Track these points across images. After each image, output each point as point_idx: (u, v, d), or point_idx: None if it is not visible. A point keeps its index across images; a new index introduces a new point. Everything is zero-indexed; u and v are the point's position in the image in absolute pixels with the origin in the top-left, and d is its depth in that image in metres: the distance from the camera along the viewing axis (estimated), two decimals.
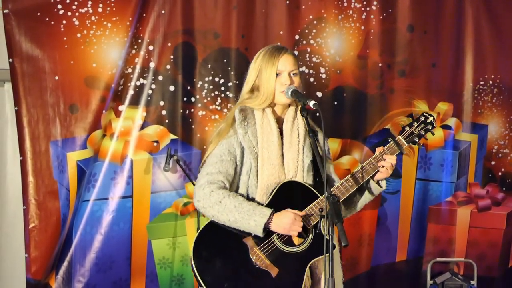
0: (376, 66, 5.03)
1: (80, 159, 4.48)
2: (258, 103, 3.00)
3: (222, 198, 2.85)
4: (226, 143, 2.94)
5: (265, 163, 2.95)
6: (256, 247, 2.88)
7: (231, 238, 2.88)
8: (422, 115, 3.10)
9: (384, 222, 5.10)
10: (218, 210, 2.85)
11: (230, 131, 2.96)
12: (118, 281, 4.62)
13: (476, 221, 5.21)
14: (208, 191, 2.86)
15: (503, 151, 5.24)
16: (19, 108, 4.38)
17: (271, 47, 3.05)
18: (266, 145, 2.97)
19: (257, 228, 2.83)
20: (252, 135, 2.96)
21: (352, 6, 4.96)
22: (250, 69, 3.06)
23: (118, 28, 4.51)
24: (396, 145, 3.03)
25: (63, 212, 4.45)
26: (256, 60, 3.04)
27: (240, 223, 2.84)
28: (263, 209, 2.85)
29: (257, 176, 2.94)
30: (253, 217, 2.82)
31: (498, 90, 5.20)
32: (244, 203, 2.85)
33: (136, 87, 4.60)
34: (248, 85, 3.05)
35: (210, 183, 2.88)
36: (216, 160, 2.92)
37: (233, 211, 2.83)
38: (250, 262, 2.87)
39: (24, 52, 4.36)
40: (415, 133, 3.08)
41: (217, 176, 2.89)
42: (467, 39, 5.15)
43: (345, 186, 2.99)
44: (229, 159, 2.92)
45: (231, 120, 2.99)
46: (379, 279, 5.12)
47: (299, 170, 3.00)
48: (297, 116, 3.05)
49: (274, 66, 2.98)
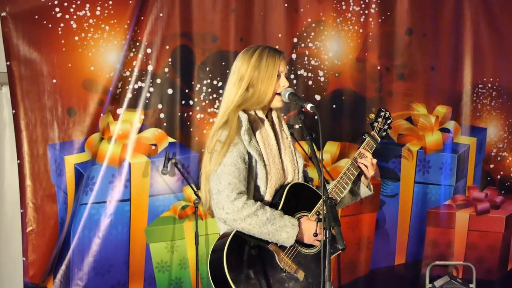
0: (374, 69, 5.03)
1: (78, 162, 4.48)
2: (253, 102, 2.93)
3: (255, 211, 2.82)
4: (236, 151, 2.88)
5: (272, 168, 2.94)
6: (282, 253, 2.89)
7: (258, 246, 2.88)
8: (381, 111, 3.19)
9: (383, 226, 5.09)
10: (250, 223, 2.82)
11: (236, 138, 2.89)
12: (116, 284, 4.61)
13: (475, 225, 5.21)
14: (240, 204, 2.81)
15: (502, 154, 5.24)
16: (16, 111, 4.37)
17: (266, 47, 2.98)
18: (269, 150, 2.95)
19: (289, 240, 2.84)
20: (255, 141, 2.94)
21: (350, 9, 4.96)
22: (242, 67, 2.94)
23: (116, 31, 4.51)
24: (372, 141, 3.11)
25: (61, 215, 4.44)
26: (251, 58, 2.94)
27: (272, 235, 2.84)
28: (292, 220, 2.86)
29: (266, 181, 2.92)
30: (285, 229, 2.83)
31: (497, 93, 5.20)
32: (275, 214, 2.85)
33: (134, 90, 4.60)
34: (242, 84, 2.93)
35: (239, 194, 2.83)
36: (233, 169, 2.85)
37: (266, 224, 2.82)
38: (279, 268, 2.88)
39: (22, 55, 4.36)
40: (382, 128, 3.17)
41: (239, 185, 2.85)
42: (466, 42, 5.16)
43: (342, 184, 3.02)
44: (244, 167, 2.88)
45: (235, 126, 2.90)
46: (377, 282, 5.11)
47: (297, 172, 3.01)
48: (280, 118, 3.06)
49: (276, 66, 2.93)
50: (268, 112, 3.02)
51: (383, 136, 3.17)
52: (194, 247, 4.55)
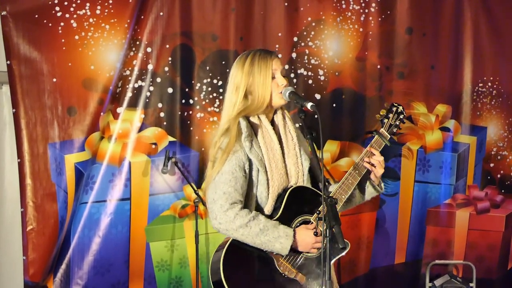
0: (374, 68, 5.03)
1: (78, 161, 4.47)
2: (254, 108, 2.95)
3: (247, 222, 2.83)
4: (235, 159, 2.88)
5: (274, 173, 2.93)
6: (282, 258, 2.89)
7: (256, 253, 2.88)
8: (393, 106, 3.15)
9: (382, 225, 5.09)
10: (243, 234, 2.83)
11: (236, 146, 2.90)
12: (116, 283, 4.61)
13: (475, 223, 5.20)
14: (232, 214, 2.83)
15: (502, 153, 5.23)
16: (17, 110, 4.37)
17: (257, 51, 2.99)
18: (272, 155, 2.94)
19: (283, 250, 2.85)
20: (257, 147, 2.93)
21: (350, 8, 4.96)
22: (237, 76, 2.97)
23: (116, 30, 4.51)
24: (381, 138, 3.08)
25: (61, 214, 4.44)
26: (244, 65, 2.96)
27: (265, 245, 2.85)
28: (286, 230, 2.86)
29: (268, 187, 2.92)
30: (279, 240, 2.83)
31: (497, 92, 5.20)
32: (268, 225, 2.84)
33: (134, 89, 4.60)
34: (240, 92, 2.96)
35: (232, 204, 2.84)
36: (230, 178, 2.86)
37: (259, 235, 2.83)
38: (279, 273, 2.88)
39: (22, 54, 4.36)
40: (392, 124, 3.12)
41: (234, 195, 2.85)
42: (466, 41, 5.15)
43: (347, 184, 3.01)
44: (242, 175, 2.88)
45: (235, 134, 2.91)
46: (377, 281, 5.11)
47: (301, 175, 3.00)
48: (286, 119, 3.04)
49: (268, 68, 2.94)
50: (274, 114, 3.02)
51: (394, 132, 3.13)
52: (194, 246, 4.56)
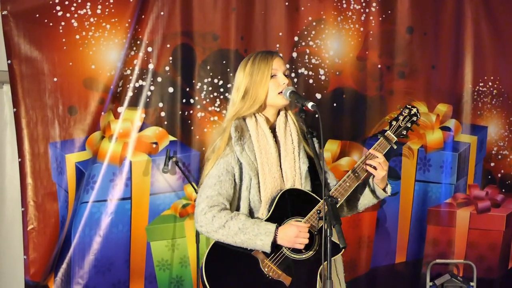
0: (375, 67, 5.03)
1: (78, 160, 4.47)
2: (248, 107, 2.94)
3: (225, 222, 2.83)
4: (223, 163, 2.89)
5: (267, 177, 2.91)
6: (267, 259, 2.87)
7: (240, 253, 2.88)
8: (406, 108, 3.08)
9: (383, 224, 5.09)
10: (223, 234, 2.83)
11: (227, 149, 2.90)
12: (117, 283, 4.61)
13: (476, 223, 5.21)
14: (210, 216, 2.84)
15: (502, 152, 5.24)
16: (17, 109, 4.36)
17: (259, 52, 3.01)
18: (266, 159, 2.93)
19: (264, 247, 2.83)
20: (249, 150, 2.92)
21: (351, 7, 4.96)
22: (239, 78, 2.99)
23: (117, 30, 4.51)
24: (386, 140, 3.02)
25: (62, 214, 4.44)
26: (246, 67, 2.98)
27: (247, 244, 2.84)
28: (268, 226, 2.84)
29: (259, 190, 2.91)
30: (259, 237, 2.82)
31: (497, 92, 5.20)
32: (248, 223, 2.83)
33: (135, 89, 4.60)
34: (239, 93, 2.97)
35: (211, 207, 2.85)
36: (214, 182, 2.88)
37: (238, 234, 2.82)
38: (263, 274, 2.86)
39: (23, 53, 4.35)
40: (402, 126, 3.06)
41: (217, 198, 2.86)
42: (467, 40, 5.15)
43: (343, 187, 2.97)
44: (228, 179, 2.89)
45: (227, 137, 2.92)
46: (378, 281, 5.11)
47: (297, 179, 2.97)
48: (288, 121, 3.02)
49: (267, 67, 2.94)
50: (275, 114, 3.01)
51: (403, 134, 3.06)
52: (195, 245, 4.56)
